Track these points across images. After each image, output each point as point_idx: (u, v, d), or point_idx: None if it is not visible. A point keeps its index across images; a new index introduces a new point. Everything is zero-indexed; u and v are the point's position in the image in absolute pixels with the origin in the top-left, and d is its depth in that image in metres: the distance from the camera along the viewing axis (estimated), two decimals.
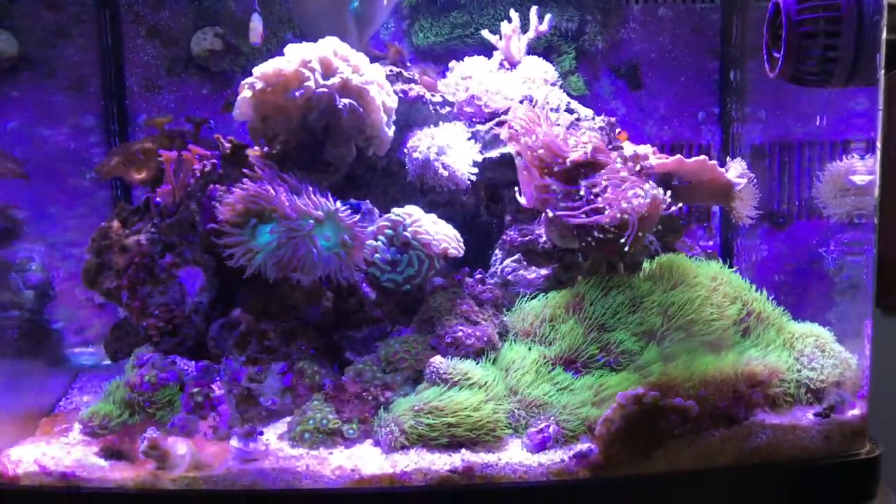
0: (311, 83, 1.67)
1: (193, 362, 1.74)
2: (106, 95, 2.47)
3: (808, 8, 1.68)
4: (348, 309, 1.79)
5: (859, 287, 1.80)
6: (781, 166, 2.49)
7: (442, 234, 1.77)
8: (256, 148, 1.80)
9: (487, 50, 2.32)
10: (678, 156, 1.96)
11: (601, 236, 1.64)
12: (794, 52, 1.71)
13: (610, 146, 1.98)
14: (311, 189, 1.64)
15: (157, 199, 1.78)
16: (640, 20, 2.55)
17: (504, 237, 1.96)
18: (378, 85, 1.76)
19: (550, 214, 1.67)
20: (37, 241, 2.35)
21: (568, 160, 1.68)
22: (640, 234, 1.68)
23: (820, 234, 2.17)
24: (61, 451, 1.59)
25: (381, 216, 1.90)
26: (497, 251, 1.97)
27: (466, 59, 2.23)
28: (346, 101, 1.70)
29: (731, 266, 2.01)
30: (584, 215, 1.62)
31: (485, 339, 1.67)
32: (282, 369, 1.70)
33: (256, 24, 2.13)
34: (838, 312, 1.90)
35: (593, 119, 2.12)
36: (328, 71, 1.71)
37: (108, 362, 2.09)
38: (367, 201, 1.90)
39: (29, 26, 2.36)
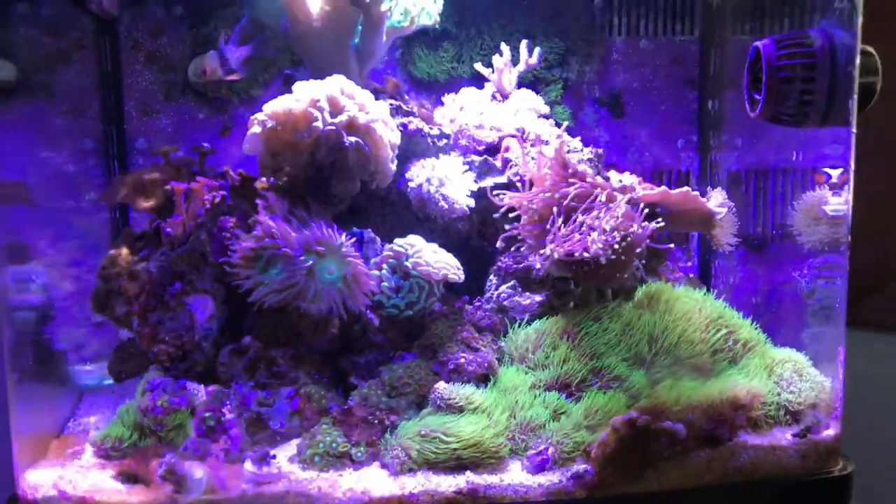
0: (319, 123, 1.75)
1: (203, 387, 1.81)
2: (105, 120, 2.51)
3: (786, 55, 1.81)
4: (353, 335, 1.87)
5: (833, 312, 1.92)
6: (757, 192, 2.61)
7: (442, 263, 1.86)
8: (264, 180, 1.87)
9: (477, 80, 2.43)
10: (663, 187, 2.07)
11: (588, 268, 1.75)
12: (773, 95, 1.83)
13: (599, 177, 2.08)
14: (319, 224, 1.72)
15: (168, 228, 1.84)
16: (622, 51, 2.67)
17: (499, 264, 2.06)
18: (383, 122, 1.85)
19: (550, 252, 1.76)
20: (37, 263, 2.40)
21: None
22: (627, 263, 1.79)
23: (795, 260, 2.29)
24: (77, 475, 1.65)
25: (382, 243, 1.98)
26: (492, 277, 2.07)
27: (462, 90, 2.33)
28: (353, 139, 1.78)
29: (709, 288, 2.13)
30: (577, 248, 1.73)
31: (485, 365, 1.76)
32: (290, 394, 1.77)
33: (209, 62, 2.19)
34: (812, 335, 2.02)
35: (581, 151, 2.22)
36: (335, 109, 1.80)
37: (110, 382, 2.14)
38: (370, 230, 1.98)
39: (29, 52, 2.40)
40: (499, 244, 2.12)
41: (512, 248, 2.05)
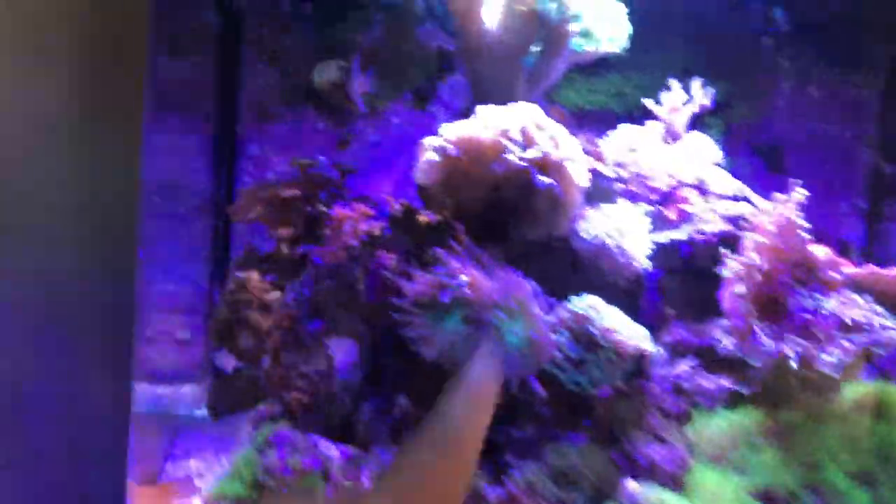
0: (511, 156, 1.50)
1: (335, 446, 1.56)
2: (218, 120, 2.33)
3: None
4: (513, 405, 1.60)
5: None
6: None
7: (632, 332, 1.59)
8: (428, 214, 1.62)
9: (628, 116, 2.20)
10: (870, 266, 1.80)
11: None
12: None
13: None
14: (508, 272, 1.46)
15: (317, 258, 1.60)
16: (789, 99, 2.42)
17: (671, 334, 1.79)
18: (576, 161, 1.59)
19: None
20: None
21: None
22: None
23: None
24: None
25: (544, 299, 1.72)
26: (660, 349, 1.80)
27: (623, 127, 2.08)
28: (547, 179, 1.52)
29: None
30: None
31: (681, 463, 1.49)
32: None
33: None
34: None
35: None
36: (527, 143, 1.54)
37: (200, 412, 1.93)
38: (534, 282, 1.72)
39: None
40: (667, 310, 1.86)
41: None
